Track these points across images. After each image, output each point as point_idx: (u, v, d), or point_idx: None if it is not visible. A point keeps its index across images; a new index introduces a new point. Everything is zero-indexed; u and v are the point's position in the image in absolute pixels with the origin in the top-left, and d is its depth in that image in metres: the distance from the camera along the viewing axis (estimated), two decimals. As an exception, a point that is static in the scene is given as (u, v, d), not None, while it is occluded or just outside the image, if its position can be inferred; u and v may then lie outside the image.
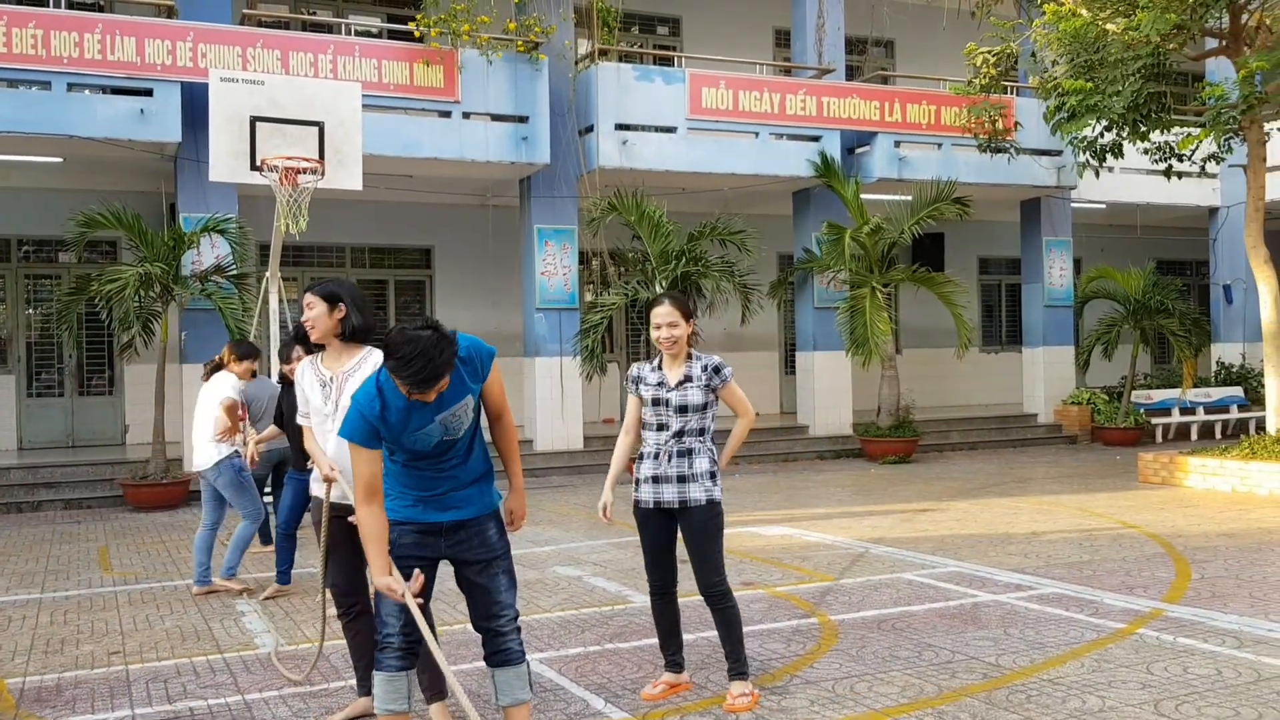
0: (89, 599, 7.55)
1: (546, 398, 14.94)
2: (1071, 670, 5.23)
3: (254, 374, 8.21)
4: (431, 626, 4.07)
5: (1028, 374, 18.52)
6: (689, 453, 4.87)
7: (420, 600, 3.84)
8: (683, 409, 4.86)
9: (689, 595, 5.29)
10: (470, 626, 4.12)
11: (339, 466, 4.47)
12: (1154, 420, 17.71)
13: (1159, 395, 18.15)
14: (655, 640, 5.74)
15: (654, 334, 4.92)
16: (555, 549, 9.06)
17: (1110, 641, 5.75)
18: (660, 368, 4.99)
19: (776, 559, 8.42)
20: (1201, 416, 18.00)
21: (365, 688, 4.79)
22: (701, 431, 4.91)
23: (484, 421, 4.09)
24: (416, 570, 3.87)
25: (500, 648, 4.01)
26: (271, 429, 7.63)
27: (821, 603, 6.86)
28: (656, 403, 4.92)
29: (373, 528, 3.79)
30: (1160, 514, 10.24)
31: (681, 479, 4.85)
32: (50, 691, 5.35)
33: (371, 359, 4.59)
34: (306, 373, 4.68)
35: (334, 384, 4.58)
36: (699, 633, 5.92)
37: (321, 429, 4.62)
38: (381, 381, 3.77)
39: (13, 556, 9.39)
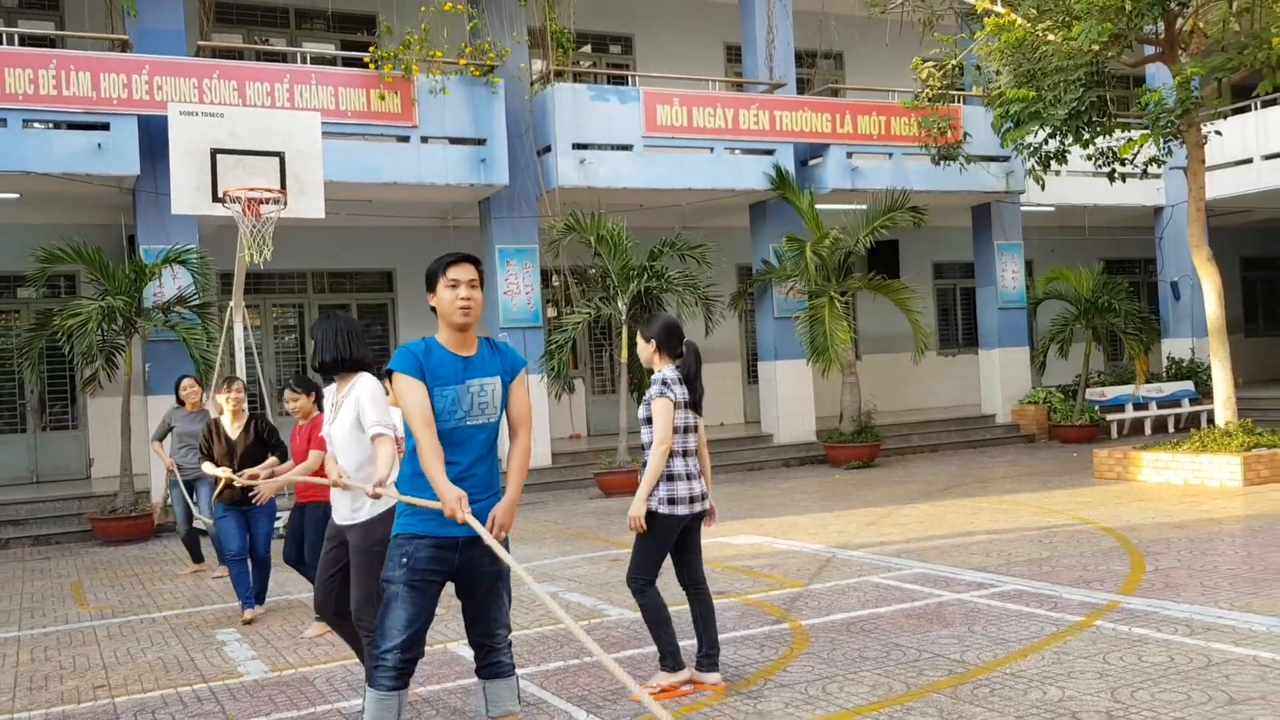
0: (67, 634, 7.59)
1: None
2: (1032, 663, 5.46)
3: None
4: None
5: (985, 375, 18.90)
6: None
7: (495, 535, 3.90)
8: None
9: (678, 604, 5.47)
10: (448, 646, 4.25)
11: (345, 469, 4.99)
12: (1109, 417, 18.13)
13: (1113, 392, 18.59)
14: (633, 651, 5.98)
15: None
16: (528, 566, 9.19)
17: (1069, 634, 5.99)
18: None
19: (746, 567, 8.61)
20: (1154, 411, 18.46)
21: None
22: (647, 445, 5.48)
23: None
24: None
25: (493, 661, 4.16)
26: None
27: (792, 608, 7.06)
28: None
29: (434, 446, 3.91)
30: (1116, 509, 10.55)
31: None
32: (39, 727, 5.43)
33: (361, 381, 5.02)
34: (326, 398, 5.34)
35: (335, 407, 5.12)
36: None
37: (329, 447, 5.19)
38: (429, 341, 4.08)
39: (-15, 595, 9.38)
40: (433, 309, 4.08)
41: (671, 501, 5.32)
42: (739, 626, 6.64)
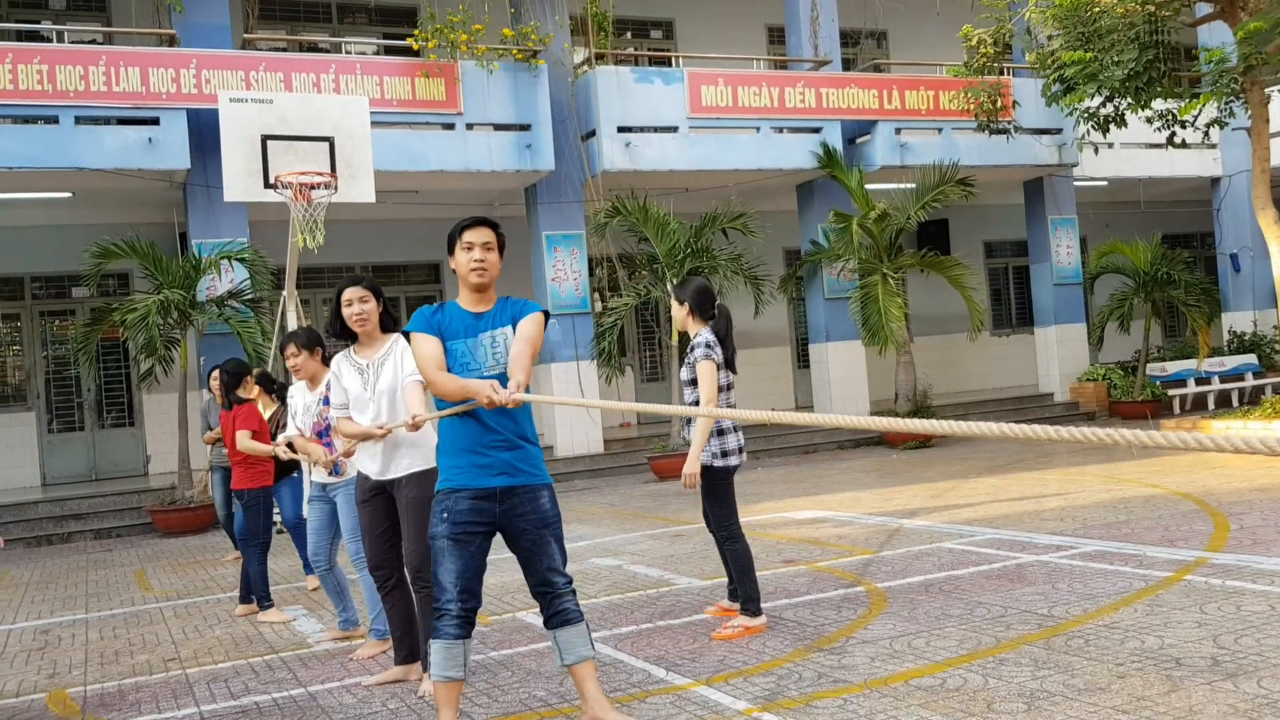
0: (134, 615, 7.58)
1: (565, 403, 14.94)
2: (1126, 616, 5.26)
3: None
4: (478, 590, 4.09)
5: (1041, 353, 18.54)
6: (688, 422, 5.89)
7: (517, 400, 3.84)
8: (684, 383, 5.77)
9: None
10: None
11: (389, 424, 4.82)
12: (1170, 392, 17.70)
13: (1174, 367, 18.15)
14: (704, 616, 5.89)
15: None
16: (590, 544, 9.09)
17: (1160, 588, 5.77)
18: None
19: (813, 538, 8.45)
20: (1217, 386, 17.99)
21: (401, 655, 5.11)
22: (696, 403, 5.67)
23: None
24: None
25: (559, 609, 4.08)
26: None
27: (865, 573, 6.89)
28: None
29: (450, 378, 3.97)
30: (1189, 475, 10.25)
31: None
32: (113, 697, 5.39)
33: (400, 344, 4.92)
34: (342, 365, 5.04)
35: (371, 369, 4.97)
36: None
37: (363, 414, 4.94)
38: (447, 302, 4.22)
39: (51, 584, 9.43)
40: (454, 272, 4.17)
41: (725, 454, 5.63)
42: (813, 590, 6.48)
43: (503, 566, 7.00)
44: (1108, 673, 4.39)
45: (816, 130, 15.79)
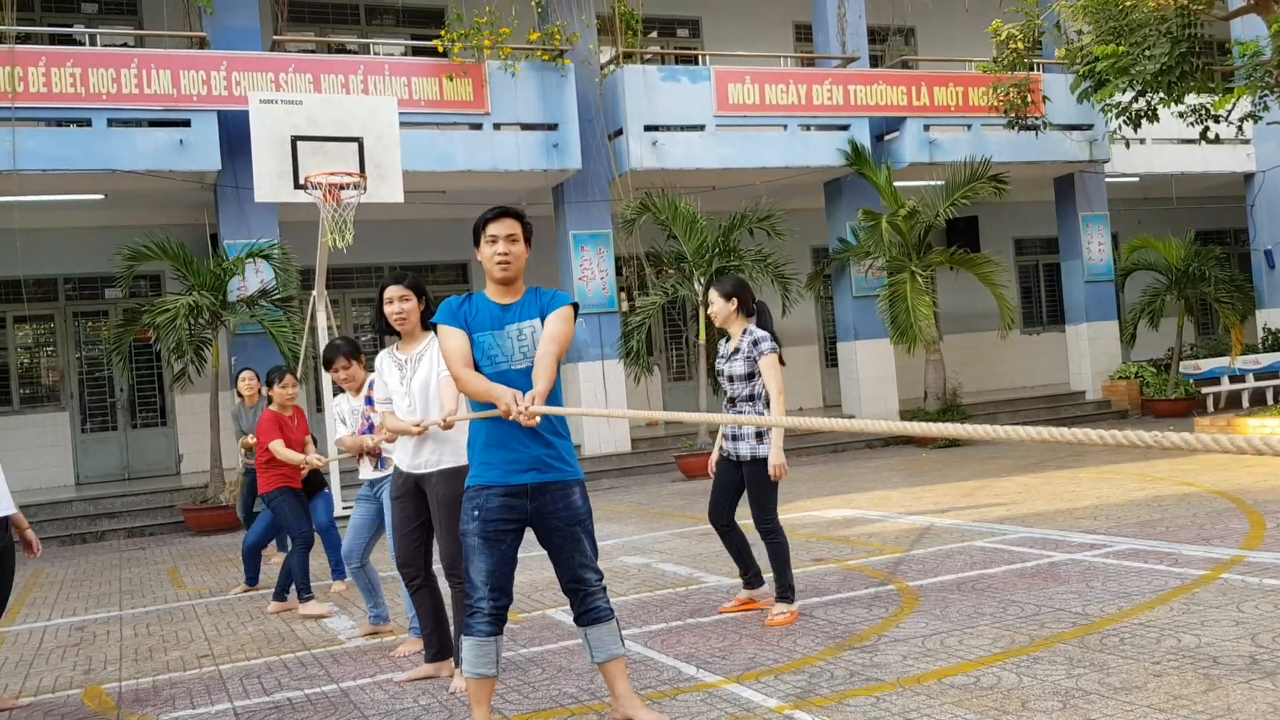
0: (168, 612, 7.65)
1: (591, 402, 14.99)
2: (1161, 614, 5.20)
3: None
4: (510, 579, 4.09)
5: (1072, 351, 18.38)
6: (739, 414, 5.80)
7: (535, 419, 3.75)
8: (730, 378, 5.84)
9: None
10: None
11: (425, 421, 4.86)
12: (1204, 390, 17.51)
13: (1207, 365, 17.94)
14: (737, 615, 5.88)
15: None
16: (619, 542, 9.09)
17: (1195, 587, 5.70)
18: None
19: (843, 536, 8.41)
20: (1252, 384, 17.77)
21: (431, 652, 5.15)
22: (750, 398, 5.82)
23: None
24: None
25: (590, 606, 4.08)
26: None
27: (896, 571, 6.85)
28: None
29: (476, 377, 3.93)
30: (1224, 474, 10.13)
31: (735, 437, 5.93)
32: (147, 693, 5.43)
33: (437, 341, 4.81)
34: (385, 361, 5.12)
35: (409, 365, 5.04)
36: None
37: (400, 408, 5.02)
38: (475, 293, 4.15)
39: (84, 581, 9.53)
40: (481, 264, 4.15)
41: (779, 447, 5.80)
42: (843, 589, 6.45)
43: (532, 564, 7.01)
44: (1144, 671, 4.34)
45: (844, 128, 15.72)
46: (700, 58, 16.69)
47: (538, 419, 3.73)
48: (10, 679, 5.99)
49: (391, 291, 5.02)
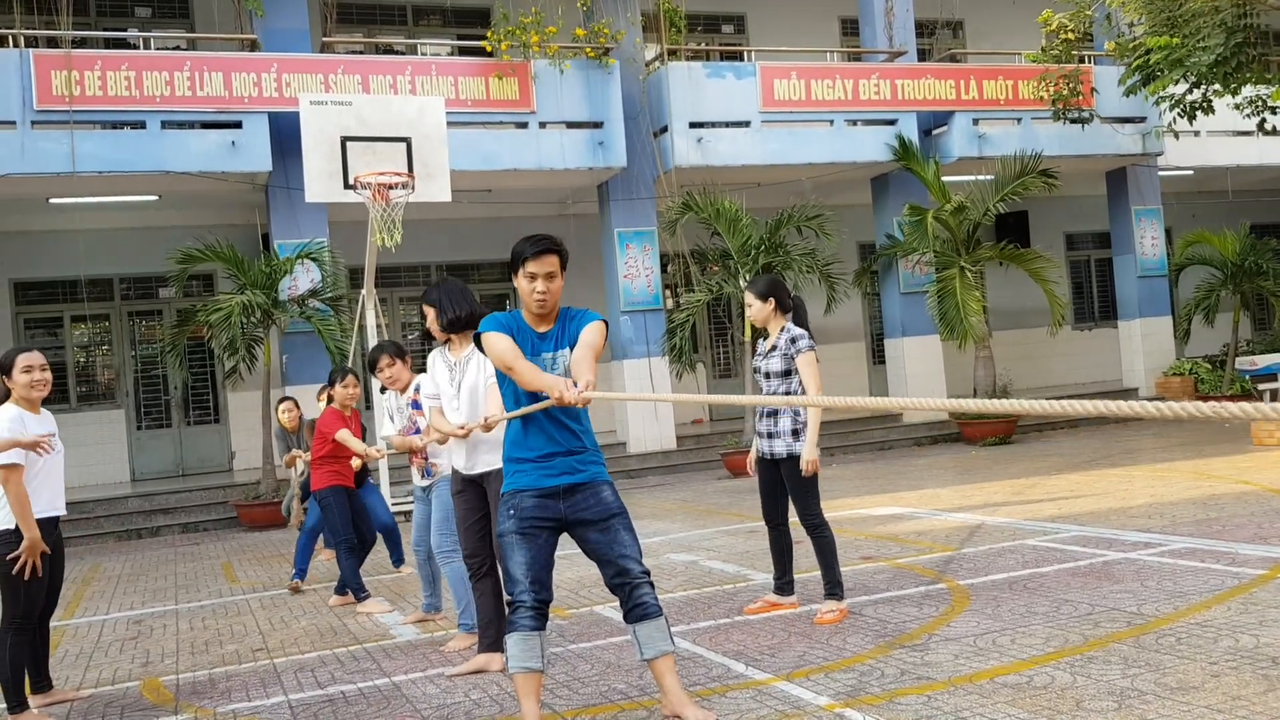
0: (222, 606, 7.77)
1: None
2: (1219, 614, 5.12)
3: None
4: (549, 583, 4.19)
5: (1125, 347, 18.12)
6: (774, 413, 5.80)
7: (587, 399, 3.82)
8: (767, 375, 5.88)
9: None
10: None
11: (468, 425, 5.04)
12: (1260, 386, 17.16)
13: (1264, 360, 17.58)
14: (786, 612, 5.86)
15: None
16: (665, 539, 9.09)
17: (1253, 586, 5.61)
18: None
19: (892, 534, 8.36)
20: (1310, 380, 17.41)
21: (485, 643, 5.24)
22: (787, 395, 5.81)
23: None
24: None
25: (637, 601, 4.10)
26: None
27: (946, 570, 6.79)
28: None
29: (531, 367, 4.01)
30: (1282, 472, 9.94)
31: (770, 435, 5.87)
32: (204, 685, 5.53)
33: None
34: (437, 360, 5.34)
35: (459, 368, 5.25)
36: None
37: (450, 407, 5.22)
38: (515, 314, 4.25)
39: (141, 576, 9.70)
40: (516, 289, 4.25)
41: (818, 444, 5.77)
42: (892, 587, 6.41)
43: (577, 561, 7.03)
44: (1201, 671, 4.27)
45: (892, 122, 15.60)
46: (745, 54, 16.63)
47: (590, 400, 3.81)
48: (70, 671, 6.12)
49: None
